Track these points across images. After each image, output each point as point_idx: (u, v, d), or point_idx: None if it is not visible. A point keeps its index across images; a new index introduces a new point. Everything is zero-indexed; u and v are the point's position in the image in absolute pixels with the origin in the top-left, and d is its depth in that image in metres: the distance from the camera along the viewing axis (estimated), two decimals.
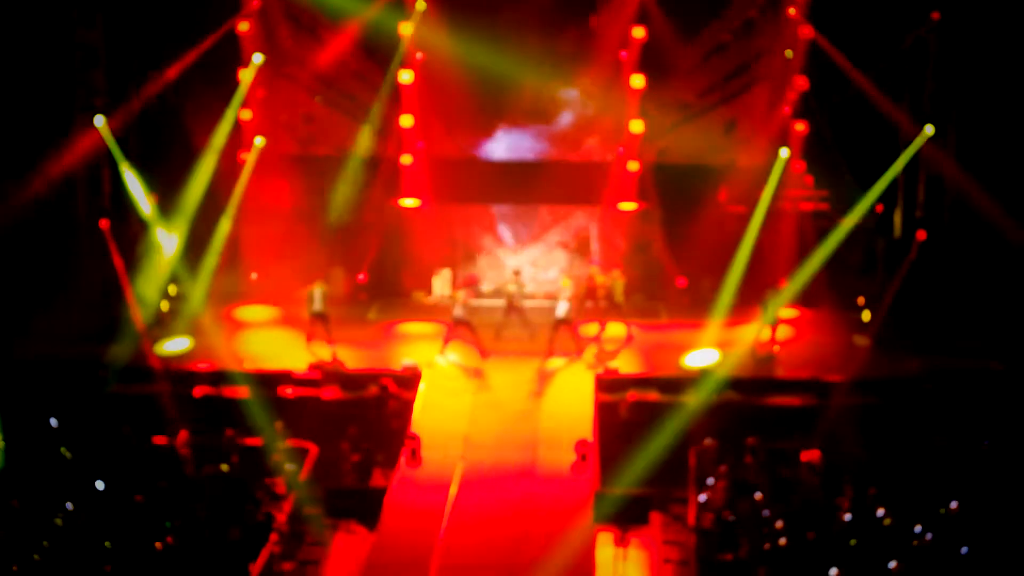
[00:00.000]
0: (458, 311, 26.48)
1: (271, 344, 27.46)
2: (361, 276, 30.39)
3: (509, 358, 26.65)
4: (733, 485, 21.18)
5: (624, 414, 24.30)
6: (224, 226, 28.90)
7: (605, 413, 24.26)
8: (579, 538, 19.96)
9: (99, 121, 27.38)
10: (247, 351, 26.73)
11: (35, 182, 26.91)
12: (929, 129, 27.31)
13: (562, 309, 26.34)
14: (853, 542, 18.76)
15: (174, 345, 27.06)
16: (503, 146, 30.91)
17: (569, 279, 27.36)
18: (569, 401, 24.80)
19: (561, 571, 19.10)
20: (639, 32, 28.95)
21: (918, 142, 27.56)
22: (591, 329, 27.85)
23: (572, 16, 29.80)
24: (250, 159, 29.32)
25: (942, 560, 18.45)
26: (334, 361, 26.07)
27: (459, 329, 26.53)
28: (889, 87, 28.35)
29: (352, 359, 26.30)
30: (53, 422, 22.93)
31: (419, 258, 30.85)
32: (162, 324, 28.12)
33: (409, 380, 25.19)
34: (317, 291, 26.67)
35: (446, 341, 26.67)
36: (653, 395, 24.91)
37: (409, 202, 30.47)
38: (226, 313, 29.21)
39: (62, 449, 21.96)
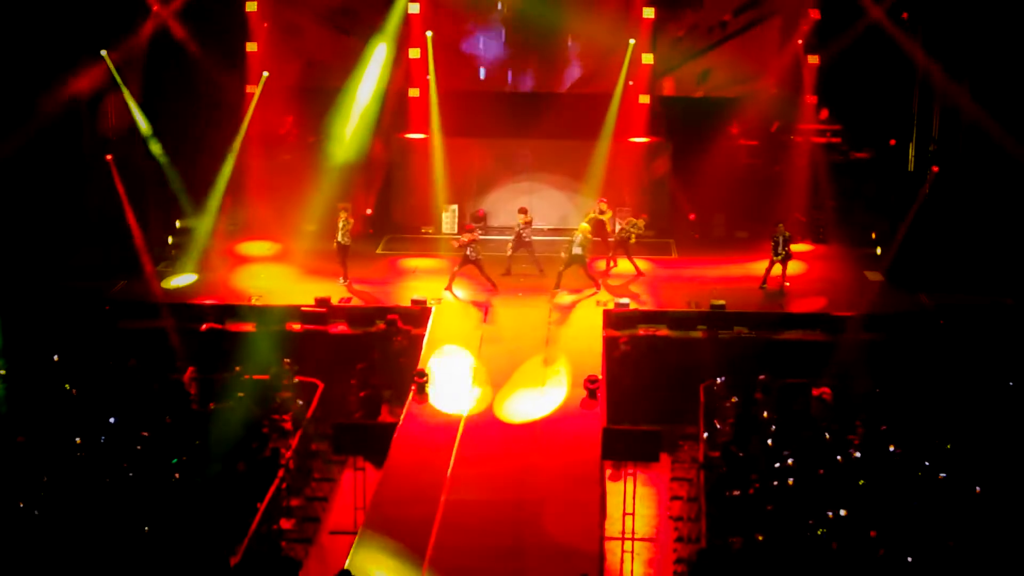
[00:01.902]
0: (467, 250, 26.20)
1: (277, 279, 27.27)
2: (368, 210, 30.26)
3: (518, 294, 26.47)
4: (743, 421, 21.06)
5: (625, 348, 24.15)
6: (230, 160, 28.69)
7: (614, 349, 24.12)
8: (587, 473, 19.85)
9: (104, 53, 27.14)
10: (253, 286, 26.55)
11: (40, 115, 26.68)
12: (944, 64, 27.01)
13: (577, 245, 26.07)
14: (862, 482, 18.63)
15: (181, 280, 26.93)
16: (512, 79, 30.62)
17: (587, 223, 26.88)
18: (578, 337, 24.64)
19: (569, 506, 18.98)
20: None
21: (932, 77, 27.22)
22: (600, 265, 27.68)
23: None
24: (256, 92, 29.08)
25: (953, 497, 18.35)
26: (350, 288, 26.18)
27: (467, 266, 26.32)
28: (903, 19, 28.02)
29: (360, 294, 26.23)
30: (55, 358, 22.85)
31: (427, 193, 30.54)
32: (168, 259, 27.97)
33: (417, 316, 25.04)
34: (341, 222, 26.53)
35: (453, 277, 26.48)
36: (663, 331, 24.81)
37: (416, 136, 30.21)
38: (231, 248, 29.02)
39: (67, 385, 21.88)
